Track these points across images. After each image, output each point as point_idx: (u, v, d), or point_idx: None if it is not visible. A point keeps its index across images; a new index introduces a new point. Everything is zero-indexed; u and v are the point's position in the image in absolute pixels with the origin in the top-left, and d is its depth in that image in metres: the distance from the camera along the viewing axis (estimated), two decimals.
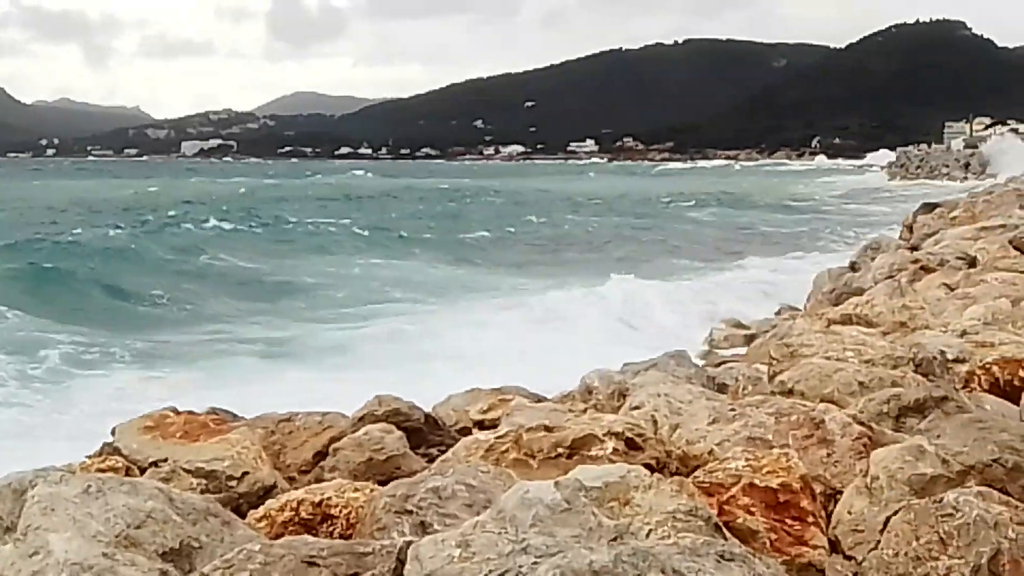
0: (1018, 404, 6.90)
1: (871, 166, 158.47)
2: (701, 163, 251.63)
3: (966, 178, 78.59)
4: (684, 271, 32.16)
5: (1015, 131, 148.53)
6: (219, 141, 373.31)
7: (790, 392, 7.06)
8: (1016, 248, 18.06)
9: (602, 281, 25.41)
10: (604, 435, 5.63)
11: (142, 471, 5.99)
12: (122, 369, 17.96)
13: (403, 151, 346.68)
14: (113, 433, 6.50)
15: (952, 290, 13.91)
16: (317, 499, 5.28)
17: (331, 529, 5.13)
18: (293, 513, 5.23)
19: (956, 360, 8.37)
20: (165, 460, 5.94)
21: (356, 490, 5.38)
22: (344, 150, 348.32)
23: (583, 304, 22.92)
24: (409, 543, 4.09)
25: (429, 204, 76.14)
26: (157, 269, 33.91)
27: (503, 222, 56.39)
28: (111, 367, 18.09)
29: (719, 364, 10.06)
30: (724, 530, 4.27)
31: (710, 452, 5.70)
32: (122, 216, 56.84)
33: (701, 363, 9.90)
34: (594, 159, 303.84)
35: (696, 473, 5.00)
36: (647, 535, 4.03)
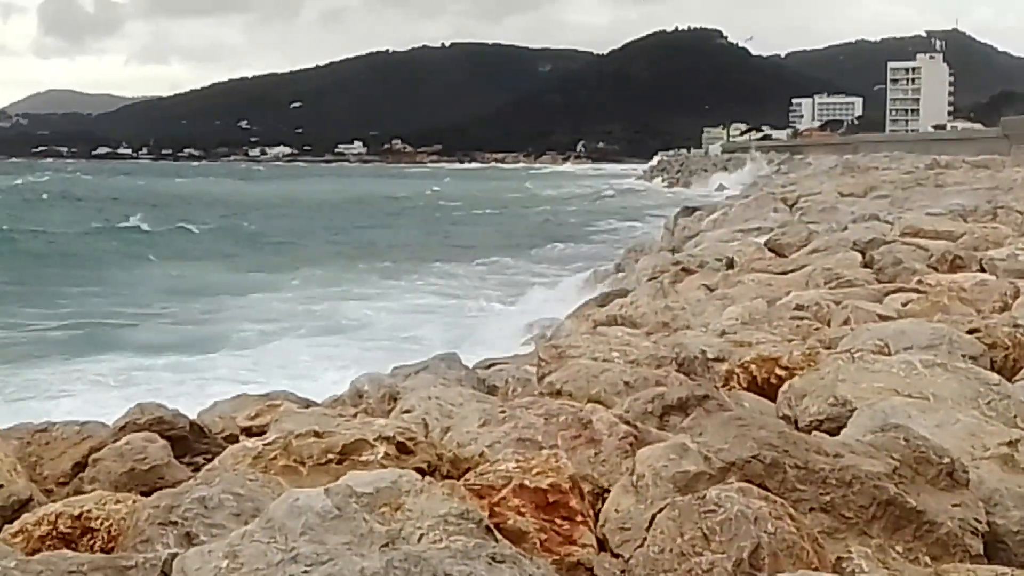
0: (774, 401, 7.15)
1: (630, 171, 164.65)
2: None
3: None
4: None
5: (768, 136, 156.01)
6: None
7: (558, 393, 7.14)
8: (771, 250, 18.82)
9: None
10: (375, 440, 5.58)
11: None
12: None
13: (165, 151, 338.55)
14: None
15: (712, 291, 14.39)
16: (76, 512, 5.07)
17: (92, 543, 4.94)
18: (51, 527, 5.00)
19: (716, 359, 8.64)
20: None
21: (118, 502, 5.19)
22: (102, 150, 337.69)
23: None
24: (174, 555, 3.98)
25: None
26: None
27: None
28: None
29: (489, 366, 10.14)
30: (495, 532, 4.28)
31: (481, 454, 5.71)
32: None
33: (471, 365, 9.95)
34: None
35: (467, 476, 5.00)
36: (419, 540, 4.01)
